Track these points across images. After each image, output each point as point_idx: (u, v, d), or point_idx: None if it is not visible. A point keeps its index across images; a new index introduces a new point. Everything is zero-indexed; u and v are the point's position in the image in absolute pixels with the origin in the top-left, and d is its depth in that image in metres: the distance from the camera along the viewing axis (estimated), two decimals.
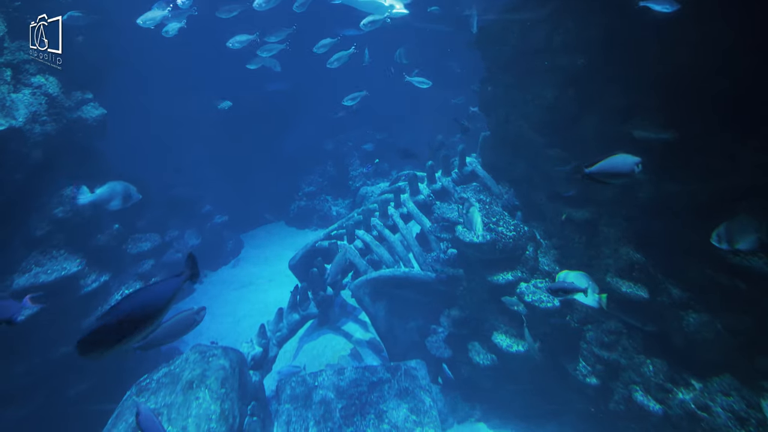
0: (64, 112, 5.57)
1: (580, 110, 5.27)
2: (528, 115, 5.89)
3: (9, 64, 5.16)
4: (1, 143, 4.66)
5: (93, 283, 5.18)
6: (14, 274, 4.84)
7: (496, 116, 6.79)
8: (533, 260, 5.50)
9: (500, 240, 5.46)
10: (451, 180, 8.10)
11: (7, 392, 4.53)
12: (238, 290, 9.71)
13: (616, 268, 4.84)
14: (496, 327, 5.44)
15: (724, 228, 3.68)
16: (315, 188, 14.40)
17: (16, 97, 5.08)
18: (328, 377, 5.62)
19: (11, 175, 4.82)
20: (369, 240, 7.36)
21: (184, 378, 4.50)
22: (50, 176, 5.44)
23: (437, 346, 6.00)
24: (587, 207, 5.32)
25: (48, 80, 5.47)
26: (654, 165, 4.49)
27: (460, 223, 5.80)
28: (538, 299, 5.05)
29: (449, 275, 6.06)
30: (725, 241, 3.65)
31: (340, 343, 7.47)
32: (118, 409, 4.29)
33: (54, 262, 5.11)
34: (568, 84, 5.32)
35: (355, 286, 6.61)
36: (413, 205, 7.74)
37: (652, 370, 4.46)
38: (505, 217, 5.82)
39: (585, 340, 5.06)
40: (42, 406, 4.69)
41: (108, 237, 5.82)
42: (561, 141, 5.54)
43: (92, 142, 6.25)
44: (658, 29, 4.24)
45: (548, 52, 5.46)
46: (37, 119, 5.19)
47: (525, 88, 5.90)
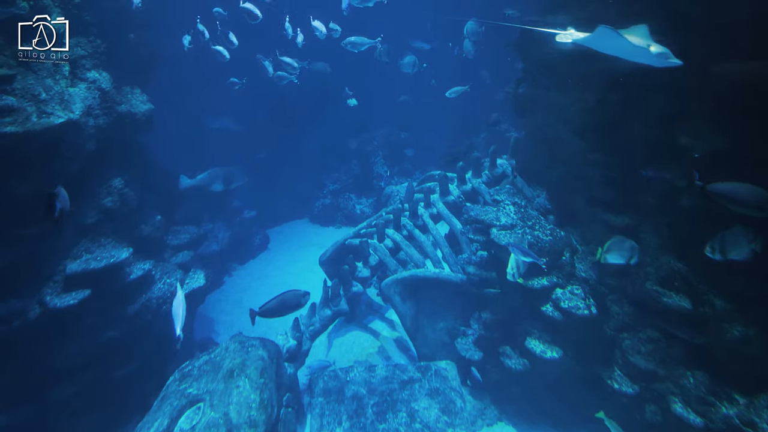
0: (115, 106, 5.80)
1: (623, 115, 5.19)
2: (567, 118, 5.84)
3: (67, 59, 5.39)
4: (61, 135, 4.89)
5: (138, 271, 5.39)
6: (67, 260, 5.08)
7: (532, 119, 6.75)
8: (570, 266, 5.45)
9: (536, 244, 5.43)
10: (481, 182, 8.10)
11: (61, 369, 4.77)
12: (266, 284, 9.90)
13: (657, 276, 4.76)
14: (530, 332, 5.42)
15: (719, 239, 3.70)
16: (339, 186, 14.52)
17: (73, 91, 5.33)
18: (359, 373, 5.70)
19: (68, 166, 5.06)
20: (399, 239, 7.41)
21: (225, 366, 4.65)
22: (100, 167, 5.69)
23: (467, 347, 6.01)
24: (627, 213, 5.25)
25: (101, 75, 5.72)
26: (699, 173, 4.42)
27: (495, 225, 5.80)
28: (574, 306, 5.01)
29: (481, 277, 6.06)
30: (718, 252, 3.73)
31: (368, 340, 7.55)
32: (162, 393, 4.46)
33: (102, 249, 5.35)
34: (611, 88, 5.25)
35: (385, 284, 6.67)
36: (443, 205, 7.76)
37: (692, 382, 4.37)
38: (542, 221, 5.79)
39: (621, 348, 4.99)
40: (90, 386, 4.92)
41: (151, 227, 6.04)
42: (602, 145, 5.48)
43: (137, 136, 6.50)
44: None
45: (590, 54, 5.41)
46: (91, 112, 5.43)
47: (565, 91, 5.84)
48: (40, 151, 4.74)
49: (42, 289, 4.78)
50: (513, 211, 6.00)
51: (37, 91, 4.92)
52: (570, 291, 5.26)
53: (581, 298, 5.08)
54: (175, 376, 4.64)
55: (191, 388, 4.45)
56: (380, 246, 7.50)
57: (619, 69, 5.16)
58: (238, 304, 9.13)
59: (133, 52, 6.24)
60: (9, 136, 4.43)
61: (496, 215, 5.97)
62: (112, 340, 5.04)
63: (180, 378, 4.60)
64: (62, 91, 5.18)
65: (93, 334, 4.95)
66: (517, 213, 5.94)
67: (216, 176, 4.61)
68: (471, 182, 8.05)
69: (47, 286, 4.81)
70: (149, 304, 5.45)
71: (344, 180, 14.60)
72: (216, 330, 8.05)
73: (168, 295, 5.62)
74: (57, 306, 4.57)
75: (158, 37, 7.15)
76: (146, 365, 5.43)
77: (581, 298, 5.09)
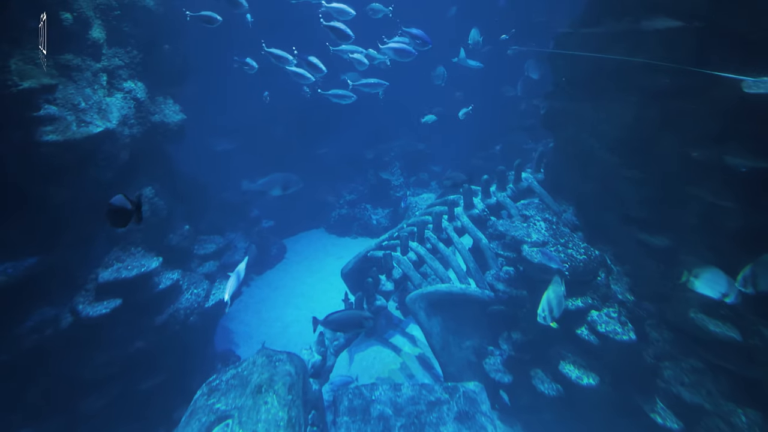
0: (149, 116, 5.87)
1: (661, 132, 5.08)
2: (602, 133, 5.74)
3: (105, 69, 5.49)
4: (98, 143, 4.94)
5: (167, 281, 5.37)
6: (99, 268, 5.08)
7: (563, 133, 6.65)
8: (605, 287, 5.29)
9: (570, 263, 5.29)
10: (506, 195, 7.97)
11: (90, 380, 4.73)
12: (285, 295, 9.84)
13: (701, 303, 4.57)
14: (563, 356, 5.24)
15: (750, 270, 3.52)
16: (356, 196, 14.54)
17: (110, 101, 5.40)
18: (384, 392, 5.55)
19: (102, 174, 5.10)
20: (423, 252, 7.30)
21: (253, 381, 4.56)
22: (132, 176, 5.72)
23: (496, 369, 5.85)
24: (666, 233, 5.09)
25: (137, 85, 5.79)
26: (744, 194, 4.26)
27: (526, 242, 5.67)
28: (612, 330, 4.83)
29: (510, 295, 5.91)
30: (750, 285, 3.55)
31: (389, 356, 7.41)
32: (191, 408, 4.38)
33: (132, 258, 5.34)
34: (649, 104, 5.14)
35: (410, 299, 6.55)
36: (468, 219, 7.64)
37: (744, 421, 4.13)
38: (575, 239, 5.64)
39: (662, 378, 4.79)
40: (118, 398, 4.87)
41: (179, 237, 6.04)
42: (638, 162, 5.35)
43: (166, 146, 6.55)
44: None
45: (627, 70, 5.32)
46: (127, 122, 5.49)
47: (599, 106, 5.76)
48: (78, 159, 4.78)
49: (74, 298, 4.78)
50: (544, 227, 5.88)
51: (77, 101, 4.99)
52: (606, 314, 5.08)
53: (619, 322, 4.90)
54: (203, 390, 4.56)
55: (219, 403, 4.37)
56: (404, 259, 7.39)
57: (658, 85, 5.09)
58: (256, 315, 9.08)
59: (166, 63, 6.33)
60: (50, 144, 4.48)
61: (527, 231, 5.85)
62: (139, 351, 5.00)
63: (208, 392, 4.52)
64: (100, 101, 5.25)
65: (122, 344, 4.92)
66: (548, 230, 5.81)
67: (275, 181, 4.93)
68: (496, 196, 7.93)
69: (79, 295, 4.81)
70: (177, 314, 5.42)
71: (360, 190, 14.63)
72: (235, 341, 7.98)
73: (195, 306, 5.58)
74: (89, 315, 4.55)
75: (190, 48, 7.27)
76: (170, 378, 5.37)
77: (619, 322, 4.91)
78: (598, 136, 5.71)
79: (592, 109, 5.84)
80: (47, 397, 4.46)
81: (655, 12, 5.12)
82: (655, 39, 5.11)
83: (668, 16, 5.04)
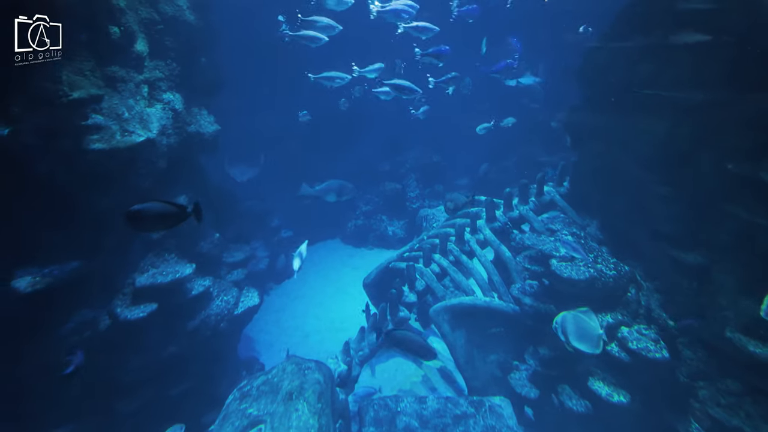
0: (185, 126, 6.06)
1: (696, 147, 5.06)
2: (633, 149, 5.73)
3: (147, 81, 5.71)
4: (139, 152, 5.12)
5: (199, 287, 5.48)
6: (135, 273, 5.21)
7: (591, 147, 6.66)
8: (635, 303, 5.25)
9: (600, 278, 5.27)
10: (529, 209, 7.97)
11: (125, 383, 4.82)
12: (304, 305, 9.90)
13: (738, 323, 4.49)
14: (593, 372, 5.17)
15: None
16: (371, 207, 14.65)
17: (150, 111, 5.60)
18: (410, 404, 5.53)
19: (141, 182, 5.27)
20: (446, 265, 7.32)
21: (284, 388, 4.59)
22: (167, 185, 5.89)
23: (522, 384, 5.79)
24: (698, 250, 5.04)
25: (175, 96, 6.01)
26: None
27: (554, 256, 5.66)
28: (644, 347, 4.77)
29: (537, 310, 5.88)
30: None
31: (411, 368, 7.38)
32: (223, 412, 4.43)
33: (166, 264, 5.47)
34: (682, 120, 5.14)
35: (435, 311, 6.55)
36: (490, 232, 7.65)
37: None
38: (604, 254, 5.63)
39: (697, 398, 4.69)
40: (149, 402, 4.94)
41: (210, 245, 6.17)
42: (671, 178, 5.33)
43: (199, 155, 6.73)
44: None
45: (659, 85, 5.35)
46: (165, 132, 5.68)
47: (630, 122, 5.77)
48: (120, 167, 4.95)
49: (112, 301, 4.90)
50: (572, 241, 5.86)
51: (121, 111, 5.19)
52: (637, 330, 5.03)
53: (651, 340, 4.84)
54: (235, 395, 4.61)
55: (251, 408, 4.41)
56: (427, 271, 7.42)
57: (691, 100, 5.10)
58: (276, 324, 9.14)
59: (202, 75, 6.55)
60: (96, 152, 4.66)
61: (555, 245, 5.84)
62: (172, 356, 5.09)
63: (240, 397, 4.57)
64: (141, 111, 5.45)
65: (156, 348, 5.01)
66: (576, 243, 5.79)
67: (331, 188, 5.43)
68: (518, 209, 7.94)
69: (117, 298, 4.94)
70: (208, 320, 5.51)
71: (376, 201, 14.74)
72: (257, 350, 8.04)
73: (225, 313, 5.66)
74: (127, 318, 4.66)
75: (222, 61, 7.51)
76: (199, 383, 5.44)
77: (651, 339, 4.85)
78: (630, 151, 5.71)
79: (622, 123, 5.86)
80: (84, 398, 4.56)
81: (685, 27, 5.16)
82: (685, 54, 5.14)
83: (698, 31, 5.07)
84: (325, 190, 5.32)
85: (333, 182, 5.35)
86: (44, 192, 4.62)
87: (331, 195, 5.18)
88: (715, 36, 4.80)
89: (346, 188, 5.43)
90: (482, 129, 9.73)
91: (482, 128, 9.72)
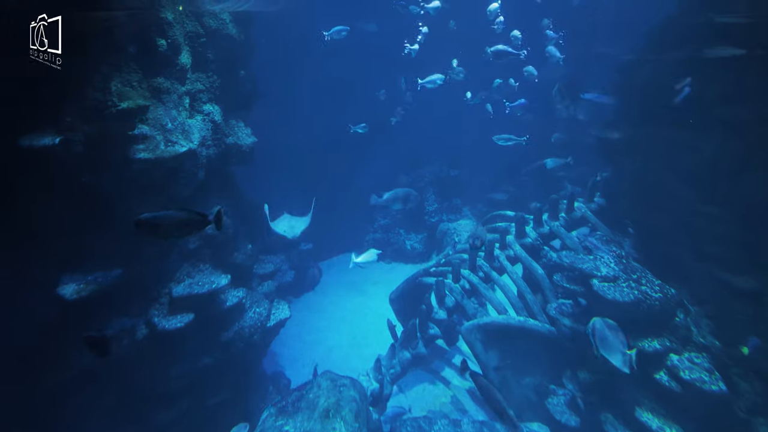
0: (224, 137, 6.12)
1: (745, 165, 4.93)
2: (676, 165, 5.61)
3: (188, 92, 5.80)
4: (181, 162, 5.16)
5: (233, 298, 5.42)
6: (171, 282, 5.19)
7: (629, 163, 6.54)
8: (685, 329, 5.03)
9: (645, 301, 5.08)
10: (559, 225, 7.81)
11: (161, 393, 4.75)
12: (325, 319, 9.80)
13: None
14: (639, 401, 4.94)
15: None
16: (389, 221, 14.61)
17: (192, 122, 5.67)
18: (444, 426, 5.35)
19: (182, 191, 5.29)
20: (476, 281, 7.17)
21: (321, 405, 4.47)
22: (204, 195, 5.91)
23: (561, 410, 5.56)
24: (752, 274, 4.85)
25: (214, 108, 6.08)
26: None
27: (595, 276, 5.49)
28: (698, 378, 4.54)
29: (575, 331, 5.68)
30: None
31: (438, 388, 7.17)
32: (259, 428, 4.33)
33: (201, 274, 5.44)
34: (729, 136, 5.03)
35: (467, 329, 6.38)
36: (521, 248, 7.50)
37: None
38: (648, 275, 5.44)
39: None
40: (186, 413, 4.85)
41: (243, 256, 6.14)
42: (717, 197, 5.19)
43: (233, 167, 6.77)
44: None
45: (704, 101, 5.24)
46: (205, 143, 5.73)
47: (672, 138, 5.67)
48: (163, 176, 4.99)
49: (149, 310, 4.87)
50: (613, 261, 5.69)
51: (165, 121, 5.26)
52: (689, 359, 4.80)
53: (705, 370, 4.61)
54: (270, 411, 4.50)
55: (288, 425, 4.29)
56: (456, 287, 7.27)
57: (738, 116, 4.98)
58: (297, 338, 9.02)
59: (240, 88, 6.64)
60: (142, 161, 4.70)
61: (595, 264, 5.68)
62: (207, 366, 5.01)
63: (276, 413, 4.46)
64: (183, 122, 5.52)
65: (192, 359, 4.94)
66: (618, 264, 5.62)
67: (398, 197, 5.84)
68: (549, 225, 7.79)
69: (154, 308, 4.90)
70: (242, 332, 5.44)
71: (394, 215, 14.69)
72: (281, 364, 7.92)
73: (258, 325, 5.59)
74: (165, 328, 4.62)
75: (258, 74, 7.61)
76: (235, 395, 5.34)
77: (705, 369, 4.62)
78: (672, 168, 5.59)
79: (663, 140, 5.76)
80: (120, 408, 4.49)
81: (719, 40, 5.09)
82: (723, 67, 5.05)
83: (732, 45, 4.99)
84: (392, 199, 5.56)
85: (399, 191, 5.64)
86: (89, 200, 4.66)
87: (398, 203, 5.43)
88: (749, 50, 4.74)
89: (411, 196, 5.78)
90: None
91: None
